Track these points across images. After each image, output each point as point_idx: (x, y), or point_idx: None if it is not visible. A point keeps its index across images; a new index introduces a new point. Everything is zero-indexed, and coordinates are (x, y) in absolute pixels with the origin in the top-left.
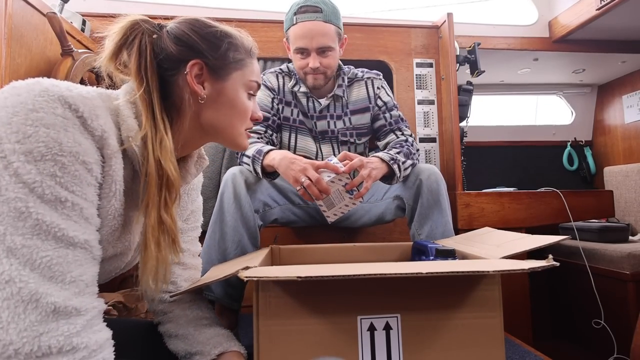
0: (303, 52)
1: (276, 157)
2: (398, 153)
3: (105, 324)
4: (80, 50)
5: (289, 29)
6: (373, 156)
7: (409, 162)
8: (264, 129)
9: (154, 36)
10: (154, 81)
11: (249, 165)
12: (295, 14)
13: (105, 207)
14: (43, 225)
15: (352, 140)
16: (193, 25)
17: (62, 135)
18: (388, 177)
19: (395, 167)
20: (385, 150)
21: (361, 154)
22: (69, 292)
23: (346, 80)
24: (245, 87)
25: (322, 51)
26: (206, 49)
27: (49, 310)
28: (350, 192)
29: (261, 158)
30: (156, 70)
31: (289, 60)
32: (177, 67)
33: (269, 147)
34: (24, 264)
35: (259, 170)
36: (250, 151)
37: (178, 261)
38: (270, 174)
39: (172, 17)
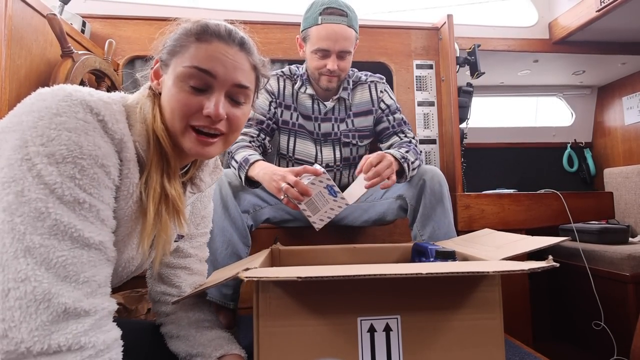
0: (324, 53)
1: (260, 172)
2: (407, 152)
3: (116, 324)
4: (80, 52)
5: (310, 27)
6: (384, 152)
7: (417, 162)
8: (257, 132)
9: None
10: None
11: (235, 169)
12: (320, 14)
13: (123, 209)
14: (61, 225)
15: (354, 142)
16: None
17: (83, 139)
18: (397, 175)
19: (405, 165)
20: (395, 148)
21: (362, 156)
22: (81, 292)
23: (351, 83)
24: (179, 76)
25: (342, 55)
26: (159, 43)
27: (59, 310)
28: (334, 195)
29: (246, 168)
30: None
31: (290, 62)
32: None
33: (256, 157)
34: (40, 264)
35: (242, 178)
36: (239, 156)
37: (184, 234)
38: (253, 182)
39: (173, 20)
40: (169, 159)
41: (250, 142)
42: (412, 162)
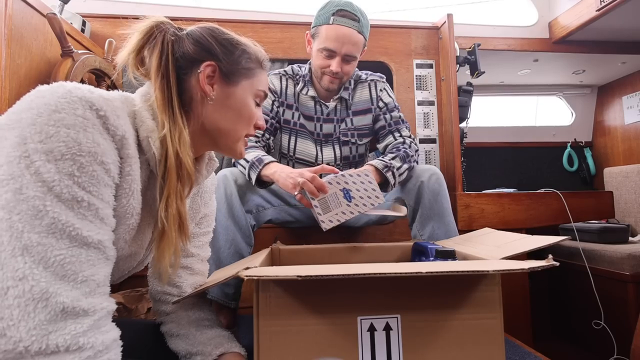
0: (329, 53)
1: (276, 171)
2: (393, 159)
3: (115, 324)
4: (80, 51)
5: (320, 25)
6: (367, 164)
7: (405, 166)
8: (261, 132)
9: (175, 36)
10: (172, 77)
11: (244, 169)
12: (333, 14)
13: (124, 207)
14: (58, 224)
15: (353, 140)
16: (212, 30)
17: (82, 136)
18: (382, 185)
19: (389, 174)
20: (380, 157)
21: (362, 155)
22: (79, 291)
23: (352, 82)
24: (253, 95)
25: (347, 59)
26: (221, 53)
27: (57, 309)
28: (349, 199)
29: (260, 167)
30: (175, 68)
31: (289, 61)
32: (191, 67)
33: (270, 158)
34: (37, 262)
35: (253, 177)
36: (249, 156)
37: (186, 251)
38: (264, 183)
39: (173, 19)
40: (184, 182)
41: (256, 142)
42: (399, 168)
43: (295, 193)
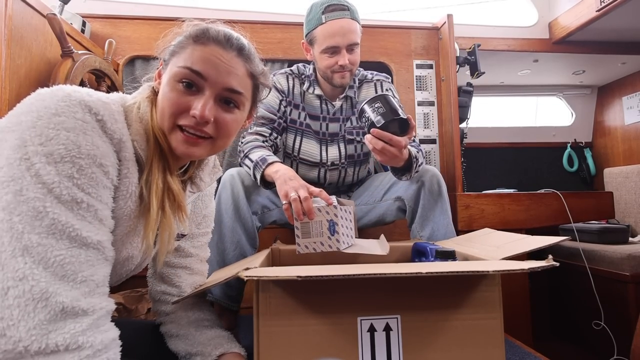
0: (333, 50)
1: (278, 172)
2: (418, 152)
3: (114, 324)
4: (80, 52)
5: (314, 29)
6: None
7: (421, 167)
8: (269, 131)
9: None
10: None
11: (249, 168)
12: (323, 13)
13: (122, 208)
14: (58, 225)
15: (358, 139)
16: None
17: (81, 138)
18: (400, 171)
19: (414, 165)
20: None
21: (367, 153)
22: (79, 291)
23: (357, 81)
24: (172, 76)
25: (351, 48)
26: (163, 42)
27: (57, 309)
28: (331, 233)
29: (264, 167)
30: None
31: (289, 62)
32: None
33: (275, 158)
34: (37, 263)
35: (258, 177)
36: (254, 155)
37: (185, 232)
38: (269, 183)
39: (173, 19)
40: (168, 157)
41: (263, 141)
42: (419, 165)
43: (284, 202)
